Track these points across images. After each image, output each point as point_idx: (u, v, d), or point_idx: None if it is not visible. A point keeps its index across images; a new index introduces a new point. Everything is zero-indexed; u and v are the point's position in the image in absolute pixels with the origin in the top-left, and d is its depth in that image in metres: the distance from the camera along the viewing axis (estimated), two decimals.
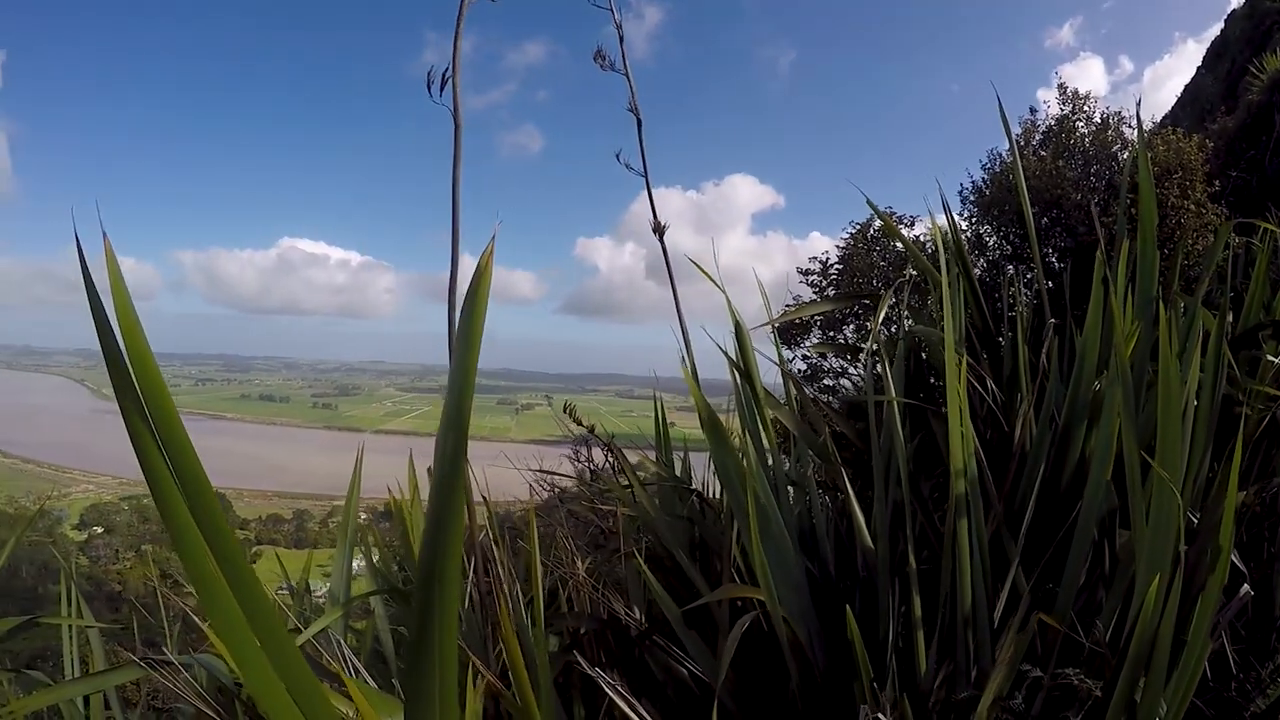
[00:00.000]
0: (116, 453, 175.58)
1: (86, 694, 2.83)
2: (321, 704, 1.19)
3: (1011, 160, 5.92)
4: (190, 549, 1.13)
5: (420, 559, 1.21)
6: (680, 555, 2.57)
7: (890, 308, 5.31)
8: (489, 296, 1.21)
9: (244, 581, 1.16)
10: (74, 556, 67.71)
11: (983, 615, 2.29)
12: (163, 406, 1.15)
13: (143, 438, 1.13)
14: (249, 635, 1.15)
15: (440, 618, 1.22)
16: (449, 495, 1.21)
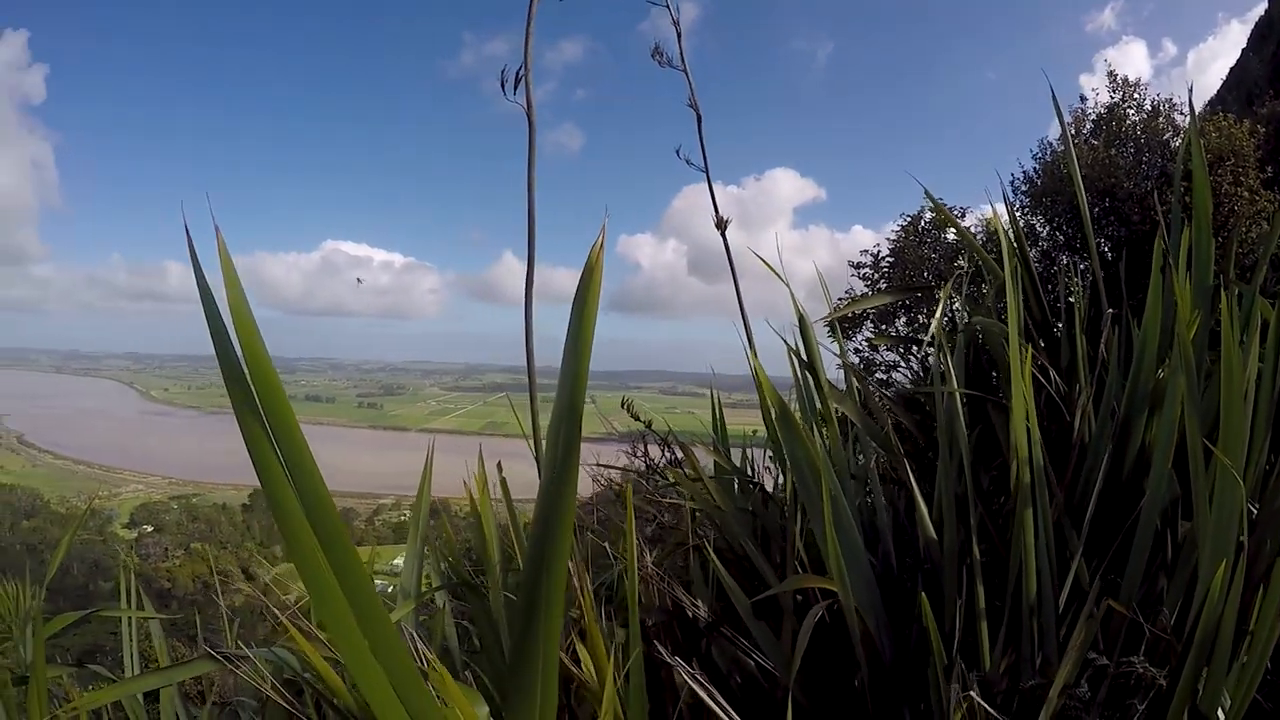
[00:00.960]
0: (165, 453, 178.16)
1: (158, 688, 2.86)
2: (421, 695, 1.22)
3: (1064, 150, 5.87)
4: (300, 543, 1.16)
5: (530, 549, 1.24)
6: (749, 546, 2.58)
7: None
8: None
9: (353, 576, 1.18)
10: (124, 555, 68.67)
11: (1048, 604, 2.29)
12: (277, 402, 1.18)
13: (254, 431, 1.16)
14: (355, 628, 1.17)
15: (547, 608, 1.24)
16: (562, 487, 1.24)
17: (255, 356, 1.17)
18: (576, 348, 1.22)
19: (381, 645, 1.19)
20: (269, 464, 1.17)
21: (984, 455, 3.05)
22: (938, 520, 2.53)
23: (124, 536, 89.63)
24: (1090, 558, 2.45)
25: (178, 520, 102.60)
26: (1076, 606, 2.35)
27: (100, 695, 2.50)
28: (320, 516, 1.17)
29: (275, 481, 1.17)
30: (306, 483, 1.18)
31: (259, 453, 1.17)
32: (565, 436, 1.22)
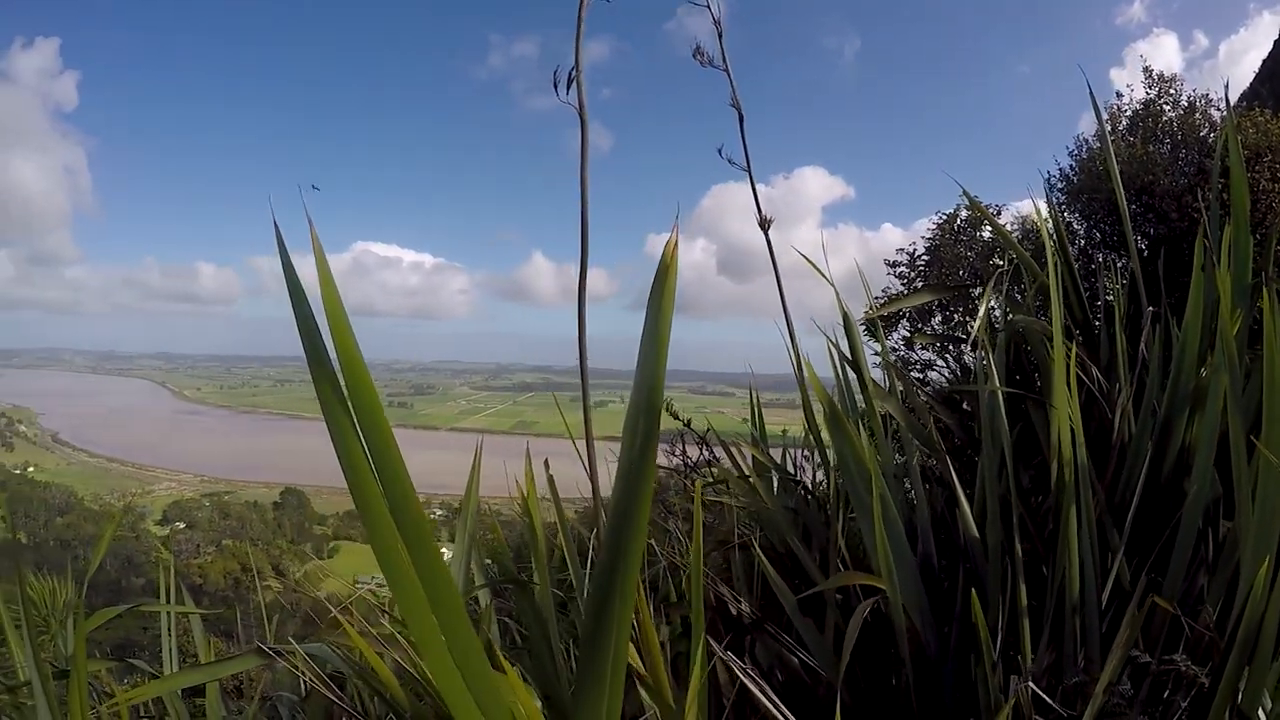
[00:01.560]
0: (198, 451, 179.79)
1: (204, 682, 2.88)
2: (490, 687, 1.24)
3: (1100, 147, 5.83)
4: (383, 538, 1.19)
5: (607, 539, 1.26)
6: (795, 543, 2.59)
7: (978, 298, 5.26)
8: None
9: (432, 570, 1.21)
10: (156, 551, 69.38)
11: (1091, 602, 2.29)
12: (367, 398, 1.20)
13: (342, 426, 1.19)
14: (432, 621, 1.20)
15: (621, 598, 1.27)
16: (639, 479, 1.27)
17: (348, 354, 1.19)
18: (654, 342, 1.25)
19: (456, 638, 1.22)
20: (356, 460, 1.19)
21: (1023, 453, 3.04)
22: (979, 518, 2.53)
23: (156, 533, 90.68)
24: (1130, 556, 2.45)
25: (209, 517, 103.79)
26: (1117, 605, 2.35)
27: (148, 689, 2.53)
28: (404, 514, 1.20)
29: (361, 476, 1.19)
30: (392, 480, 1.20)
31: (346, 448, 1.19)
32: (644, 429, 1.25)
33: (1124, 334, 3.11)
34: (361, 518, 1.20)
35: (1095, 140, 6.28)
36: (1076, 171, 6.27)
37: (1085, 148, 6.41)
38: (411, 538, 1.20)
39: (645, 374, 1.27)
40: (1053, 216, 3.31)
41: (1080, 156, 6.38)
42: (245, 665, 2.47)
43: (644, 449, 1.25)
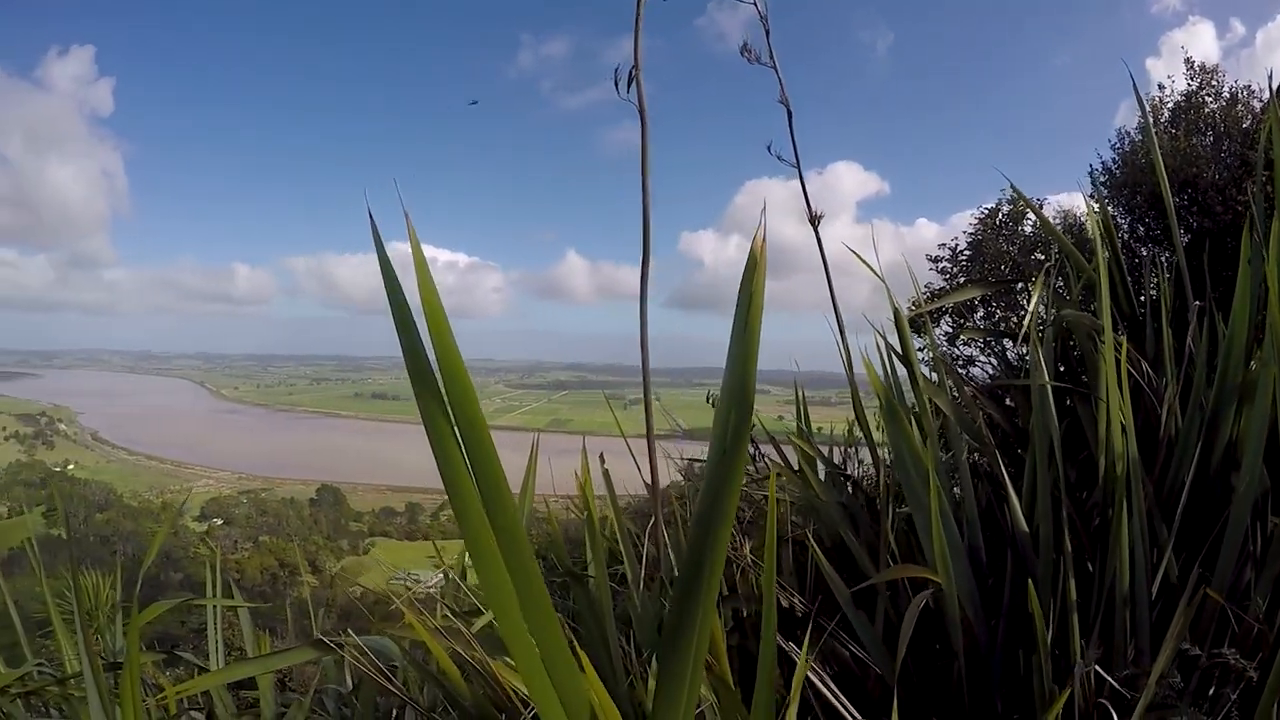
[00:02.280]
0: (235, 449, 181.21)
1: (261, 673, 2.92)
2: (574, 684, 1.28)
3: (1143, 140, 5.78)
4: (478, 537, 1.22)
5: (694, 529, 1.29)
6: (849, 536, 2.60)
7: (1019, 293, 5.23)
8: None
9: (524, 571, 1.24)
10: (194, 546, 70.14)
11: (1141, 596, 2.29)
12: (465, 396, 1.23)
13: (438, 423, 1.22)
14: (519, 615, 1.23)
15: (708, 587, 1.30)
16: (729, 468, 1.31)
17: (446, 352, 1.22)
18: (744, 335, 1.28)
19: (543, 636, 1.25)
20: (452, 457, 1.22)
21: (1068, 448, 3.04)
22: (1029, 512, 2.53)
23: (195, 529, 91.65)
24: (1178, 550, 2.45)
25: (247, 514, 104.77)
26: (1164, 599, 2.35)
27: (206, 679, 2.57)
28: (499, 513, 1.23)
29: (456, 471, 1.22)
30: (488, 479, 1.23)
31: (442, 446, 1.23)
32: (735, 420, 1.28)
33: (1170, 328, 3.10)
34: (456, 516, 1.23)
35: (1137, 133, 6.23)
36: (1119, 165, 6.22)
37: (1127, 141, 6.36)
38: (505, 537, 1.23)
39: (736, 366, 1.30)
40: (1103, 212, 3.29)
41: (1123, 150, 6.33)
42: (302, 657, 2.51)
43: (735, 439, 1.28)
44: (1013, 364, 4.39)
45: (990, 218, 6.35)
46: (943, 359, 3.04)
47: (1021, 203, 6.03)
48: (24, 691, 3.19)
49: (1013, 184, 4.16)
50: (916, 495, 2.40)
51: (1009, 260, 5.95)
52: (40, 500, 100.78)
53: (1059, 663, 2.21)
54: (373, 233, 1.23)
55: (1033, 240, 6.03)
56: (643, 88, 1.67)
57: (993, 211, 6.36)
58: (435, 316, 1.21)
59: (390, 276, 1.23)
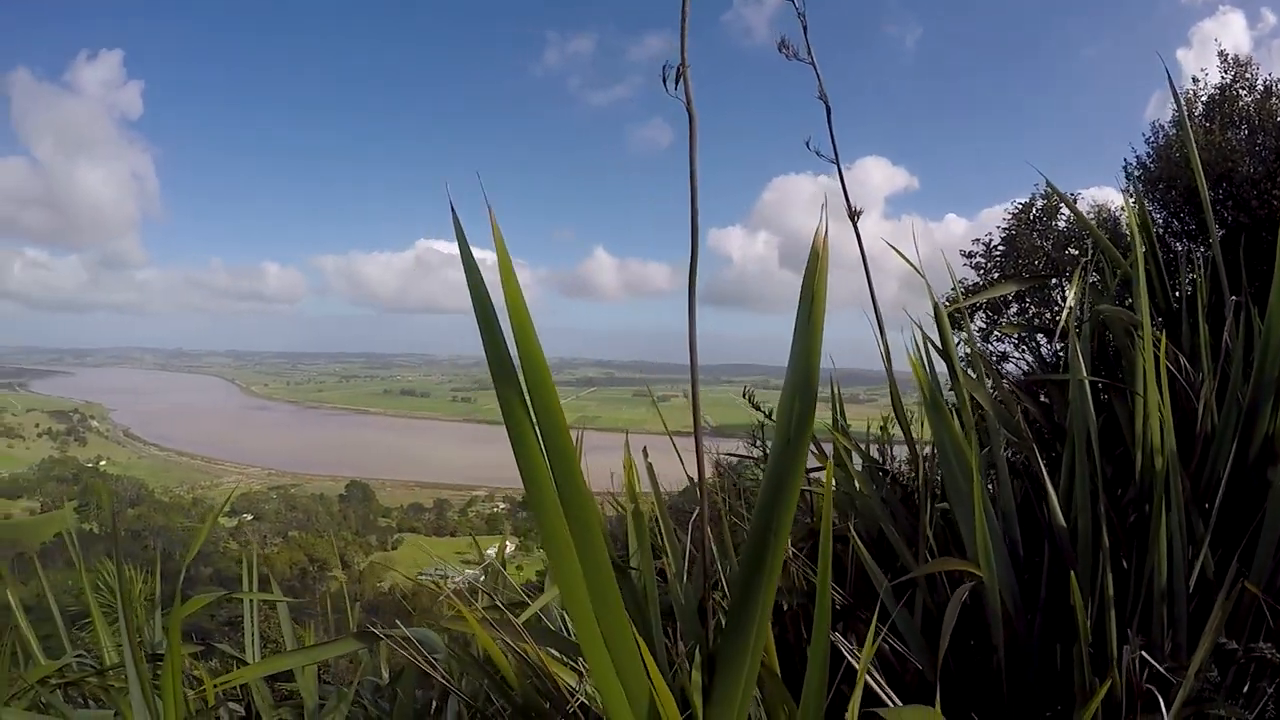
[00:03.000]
0: (265, 445, 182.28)
1: (307, 664, 2.95)
2: (636, 672, 1.31)
3: (1178, 134, 5.75)
4: (554, 530, 1.25)
5: (756, 514, 1.32)
6: (890, 530, 2.61)
7: (1054, 288, 5.21)
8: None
9: (595, 564, 1.27)
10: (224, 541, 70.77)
11: (1179, 590, 2.30)
12: (546, 391, 1.26)
13: (518, 416, 1.25)
14: (587, 602, 1.26)
15: (769, 572, 1.33)
16: (794, 456, 1.34)
17: (527, 343, 1.26)
18: (808, 327, 1.31)
19: (611, 626, 1.28)
20: (529, 446, 1.26)
21: (1104, 443, 3.03)
22: (1066, 507, 2.54)
23: (224, 524, 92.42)
24: (1215, 546, 2.45)
25: (276, 509, 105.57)
26: (1201, 594, 2.35)
27: (253, 669, 2.61)
28: (573, 502, 1.26)
29: (534, 460, 1.26)
30: (564, 468, 1.26)
31: (520, 435, 1.26)
32: (799, 409, 1.31)
33: (1206, 323, 3.09)
34: (531, 504, 1.26)
35: (1171, 127, 6.19)
36: (1153, 159, 6.19)
37: (1162, 135, 6.32)
38: (578, 526, 1.26)
39: (800, 359, 1.34)
40: (1139, 205, 3.28)
41: (1157, 144, 6.29)
42: (347, 648, 2.54)
43: (800, 428, 1.32)
44: (1046, 360, 4.38)
45: (1024, 212, 6.33)
46: (981, 355, 3.04)
47: (1055, 197, 6.00)
48: (63, 682, 3.23)
49: (1048, 180, 4.16)
50: (958, 489, 2.41)
51: (1043, 255, 5.93)
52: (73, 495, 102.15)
53: (1097, 657, 2.22)
54: (456, 230, 1.26)
55: (1066, 235, 6.01)
56: (690, 86, 1.68)
57: (1026, 206, 6.33)
58: (518, 311, 1.25)
59: (472, 271, 1.27)
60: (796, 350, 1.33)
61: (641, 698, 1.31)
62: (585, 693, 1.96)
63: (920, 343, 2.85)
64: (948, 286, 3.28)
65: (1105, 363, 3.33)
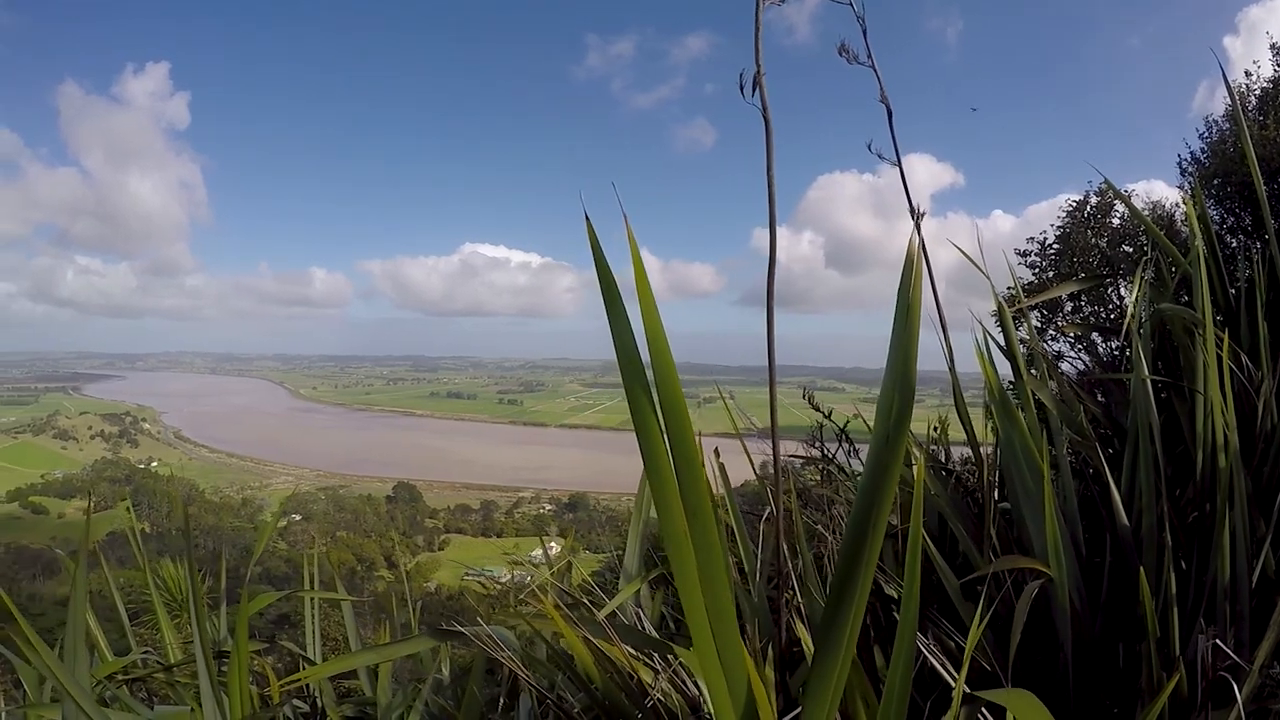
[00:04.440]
0: (314, 447, 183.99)
1: (381, 661, 3.00)
2: (739, 656, 1.38)
3: (1234, 129, 5.69)
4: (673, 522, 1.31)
5: (855, 507, 1.36)
6: (958, 529, 2.63)
7: (1108, 288, 5.18)
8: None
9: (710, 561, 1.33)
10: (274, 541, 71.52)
11: (1242, 588, 2.30)
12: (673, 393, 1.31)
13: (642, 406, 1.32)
14: (699, 591, 1.32)
15: (866, 564, 1.38)
16: (893, 451, 1.40)
17: (657, 342, 1.32)
18: (905, 329, 1.36)
19: (719, 615, 1.33)
20: (653, 438, 1.31)
21: (1164, 442, 3.03)
22: (1128, 506, 2.54)
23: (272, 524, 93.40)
24: (1276, 543, 2.45)
25: (324, 510, 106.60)
26: (1263, 591, 2.35)
27: (330, 665, 2.67)
28: (692, 495, 1.31)
29: (656, 452, 1.31)
30: (686, 462, 1.31)
31: (646, 428, 1.32)
32: (898, 406, 1.36)
33: (1265, 320, 3.07)
34: (653, 496, 1.32)
35: (1224, 121, 6.13)
36: (1207, 154, 6.13)
37: (1215, 129, 6.26)
38: (695, 520, 1.31)
39: (898, 358, 1.40)
40: (1198, 203, 3.27)
41: (1210, 139, 6.23)
42: (423, 645, 2.60)
43: (898, 424, 1.36)
44: (1103, 359, 4.36)
45: (1078, 210, 6.28)
46: (1043, 354, 3.04)
47: (1109, 194, 5.97)
48: (130, 678, 3.31)
49: (1106, 179, 4.13)
50: (1026, 488, 2.43)
51: (1098, 253, 5.89)
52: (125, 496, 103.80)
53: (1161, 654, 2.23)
54: (589, 235, 1.31)
55: (1121, 232, 5.96)
56: (765, 91, 1.72)
57: (1080, 204, 6.29)
58: (649, 310, 1.30)
59: (605, 272, 1.32)
60: (894, 349, 1.39)
61: (741, 689, 1.36)
62: (661, 689, 2.00)
63: (983, 342, 2.86)
64: (1000, 285, 3.28)
65: (1165, 361, 3.32)
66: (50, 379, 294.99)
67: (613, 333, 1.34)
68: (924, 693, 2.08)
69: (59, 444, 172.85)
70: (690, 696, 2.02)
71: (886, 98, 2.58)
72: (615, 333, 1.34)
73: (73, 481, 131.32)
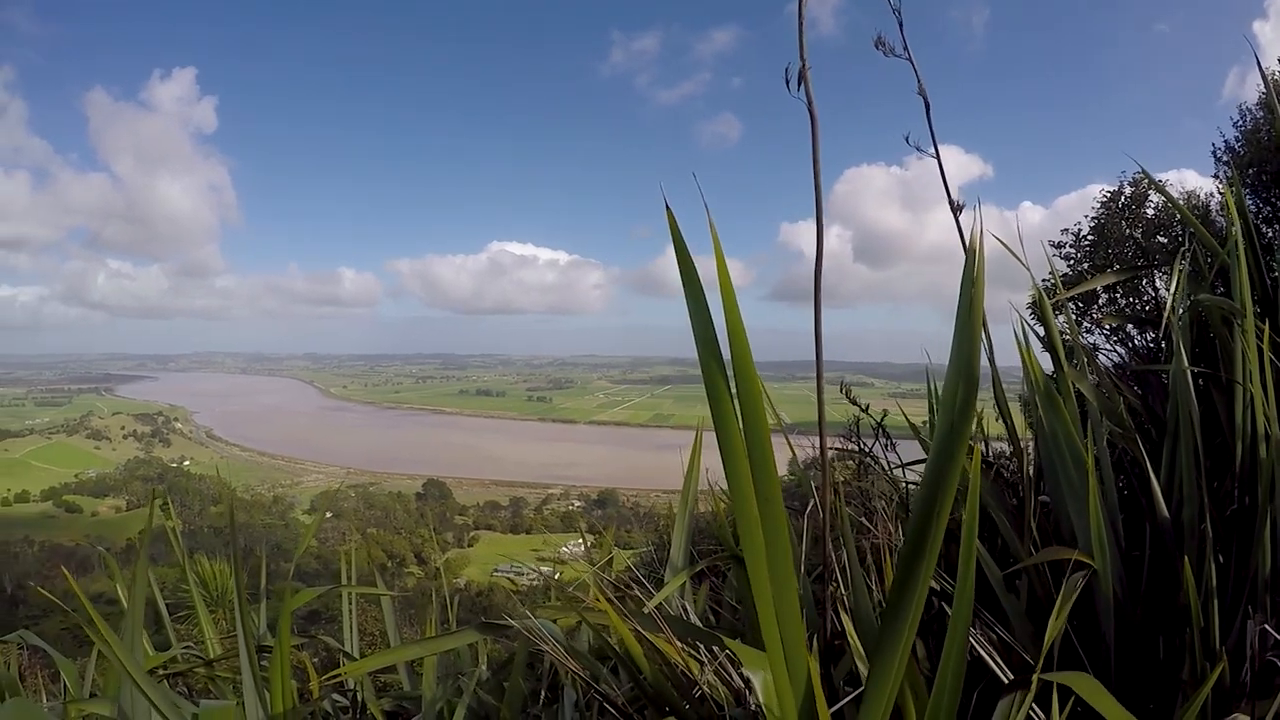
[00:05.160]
0: (344, 445, 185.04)
1: (426, 655, 3.03)
2: (800, 645, 1.44)
3: (1269, 117, 5.65)
4: (743, 500, 1.35)
5: (920, 495, 1.38)
6: (1002, 520, 2.64)
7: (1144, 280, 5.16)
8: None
9: (777, 549, 1.36)
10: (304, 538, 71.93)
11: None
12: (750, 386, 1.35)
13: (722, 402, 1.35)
14: (766, 576, 1.35)
15: (928, 554, 1.40)
16: (958, 439, 1.43)
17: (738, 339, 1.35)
18: (969, 320, 1.38)
19: (783, 594, 1.36)
20: (730, 428, 1.35)
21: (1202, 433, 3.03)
22: (1168, 497, 2.54)
23: (304, 521, 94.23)
24: None
25: (355, 507, 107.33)
26: None
27: (376, 659, 2.69)
28: (764, 483, 1.34)
29: (733, 441, 1.35)
30: (759, 450, 1.34)
31: (723, 419, 1.36)
32: (963, 394, 1.38)
33: None
34: (728, 482, 1.36)
35: (1259, 109, 6.09)
36: (1242, 142, 6.09)
37: (1249, 117, 6.21)
38: (767, 506, 1.34)
39: (962, 347, 1.43)
40: (1235, 191, 3.25)
41: (1245, 127, 6.19)
42: (469, 639, 2.63)
43: (963, 412, 1.39)
44: (1139, 349, 4.35)
45: (1113, 201, 6.25)
46: (1083, 346, 3.04)
47: (1143, 184, 5.94)
48: (170, 673, 3.35)
49: (1143, 169, 4.11)
50: (1069, 479, 2.44)
51: (1133, 244, 5.86)
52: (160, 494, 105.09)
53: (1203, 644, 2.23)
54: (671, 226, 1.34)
55: (1155, 223, 5.93)
56: (810, 85, 1.73)
57: (1114, 195, 6.25)
58: (730, 303, 1.34)
59: (686, 263, 1.35)
60: (958, 342, 1.42)
61: (802, 679, 1.39)
62: (707, 681, 2.02)
63: (1021, 334, 2.86)
64: (1033, 278, 3.28)
65: (1203, 351, 3.31)
66: (83, 380, 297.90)
67: (693, 324, 1.39)
68: (966, 684, 2.09)
69: (92, 444, 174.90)
70: (735, 688, 2.04)
71: (924, 91, 2.58)
72: (696, 324, 1.39)
73: (106, 480, 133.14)
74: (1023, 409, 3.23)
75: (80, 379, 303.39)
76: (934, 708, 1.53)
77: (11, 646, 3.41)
